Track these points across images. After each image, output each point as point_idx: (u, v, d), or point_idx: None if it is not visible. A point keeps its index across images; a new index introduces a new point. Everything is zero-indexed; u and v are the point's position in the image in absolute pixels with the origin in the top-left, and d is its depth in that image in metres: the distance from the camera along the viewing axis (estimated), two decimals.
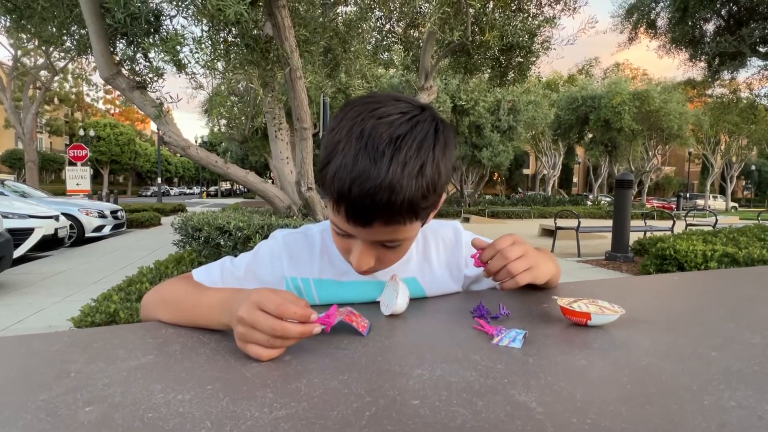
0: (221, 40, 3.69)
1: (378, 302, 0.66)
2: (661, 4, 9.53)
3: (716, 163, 31.25)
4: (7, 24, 3.78)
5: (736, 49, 8.09)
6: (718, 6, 8.47)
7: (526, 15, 5.53)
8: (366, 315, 0.59)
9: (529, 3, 5.44)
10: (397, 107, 0.53)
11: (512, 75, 6.23)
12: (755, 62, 9.37)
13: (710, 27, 9.11)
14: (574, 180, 50.10)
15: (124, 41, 3.65)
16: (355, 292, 0.68)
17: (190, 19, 3.52)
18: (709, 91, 11.53)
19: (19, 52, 16.85)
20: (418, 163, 0.50)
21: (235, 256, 0.73)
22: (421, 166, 0.50)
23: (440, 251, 0.76)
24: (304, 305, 0.48)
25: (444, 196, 0.64)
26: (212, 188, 56.10)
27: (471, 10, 4.74)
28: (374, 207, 0.50)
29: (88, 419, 0.35)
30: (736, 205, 36.45)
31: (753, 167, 41.26)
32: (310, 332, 0.47)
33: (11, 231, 4.93)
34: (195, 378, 0.42)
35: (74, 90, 32.04)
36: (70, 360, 0.46)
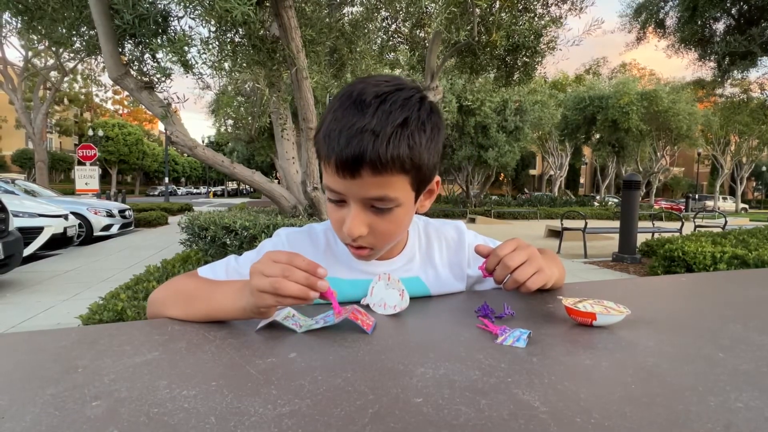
0: (228, 40, 3.71)
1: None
2: (670, 3, 9.43)
3: (726, 164, 30.85)
4: (19, 25, 3.83)
5: (747, 49, 7.99)
6: (728, 5, 8.36)
7: (532, 15, 5.50)
8: (371, 313, 0.59)
9: (535, 3, 5.41)
10: (386, 79, 0.57)
11: (518, 75, 6.20)
12: (766, 62, 9.25)
13: (720, 26, 9.00)
14: (581, 181, 49.76)
15: (132, 42, 3.68)
16: (360, 290, 0.68)
17: (197, 20, 3.55)
18: (719, 91, 11.38)
19: (30, 53, 17.08)
20: (402, 115, 0.54)
21: (240, 255, 0.73)
22: (405, 118, 0.54)
23: (443, 251, 0.76)
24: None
25: (439, 180, 0.65)
26: (218, 188, 56.27)
27: (477, 10, 4.73)
28: (360, 151, 0.52)
29: (95, 414, 0.35)
30: (746, 206, 35.93)
31: (764, 168, 40.69)
32: (313, 283, 0.51)
33: (21, 230, 4.99)
34: (200, 374, 0.42)
35: (83, 90, 32.39)
36: (77, 356, 0.46)
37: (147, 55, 3.72)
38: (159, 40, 3.43)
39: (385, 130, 0.52)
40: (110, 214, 8.62)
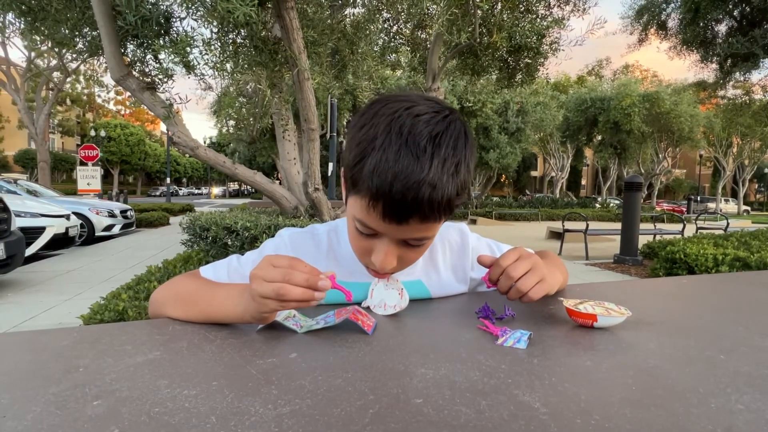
0: (230, 41, 3.71)
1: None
2: (672, 5, 9.41)
3: (728, 166, 30.78)
4: (22, 26, 3.85)
5: (749, 51, 7.97)
6: (730, 7, 8.35)
7: (534, 16, 5.50)
8: (371, 315, 0.60)
9: (537, 4, 5.41)
10: (430, 106, 0.54)
11: (520, 76, 6.20)
12: None
13: (722, 28, 8.98)
14: (583, 182, 49.67)
15: (134, 43, 3.69)
16: (362, 292, 0.68)
17: (199, 21, 3.56)
18: (721, 93, 11.35)
19: (33, 54, 17.14)
20: (455, 161, 0.52)
21: (242, 255, 0.73)
22: (457, 164, 0.53)
23: (446, 254, 0.75)
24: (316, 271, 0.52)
25: None
26: (219, 189, 56.13)
27: (479, 11, 4.74)
28: (415, 203, 0.51)
29: (96, 413, 0.35)
30: (749, 208, 35.83)
31: (766, 170, 40.59)
32: (315, 283, 0.50)
33: (23, 229, 5.00)
34: (201, 374, 0.42)
35: (86, 91, 32.51)
36: (78, 355, 0.46)
37: (149, 56, 3.73)
38: (161, 41, 3.44)
39: (441, 181, 0.51)
40: (112, 215, 8.64)
